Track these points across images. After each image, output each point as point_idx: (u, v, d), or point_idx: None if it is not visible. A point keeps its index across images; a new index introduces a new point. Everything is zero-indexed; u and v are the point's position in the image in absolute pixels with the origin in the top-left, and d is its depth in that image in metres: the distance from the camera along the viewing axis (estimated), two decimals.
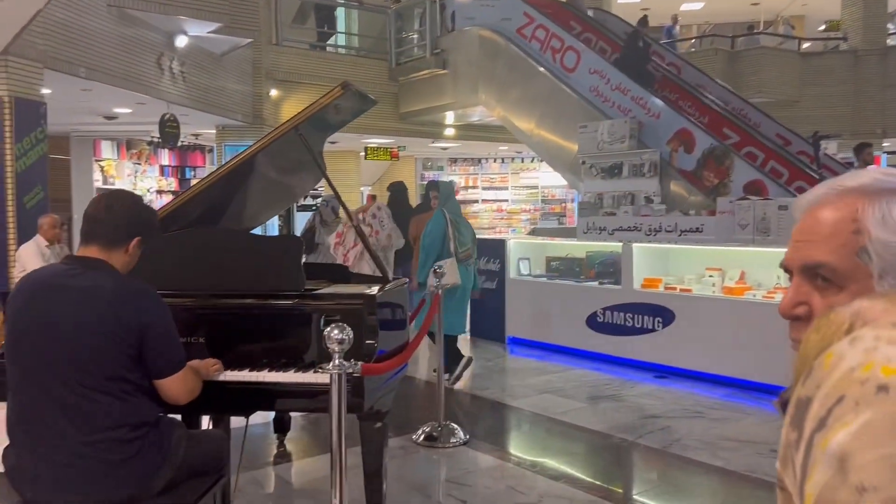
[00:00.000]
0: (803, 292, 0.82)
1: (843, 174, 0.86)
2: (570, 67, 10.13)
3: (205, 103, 9.77)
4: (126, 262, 2.28)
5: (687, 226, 7.05)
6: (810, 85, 14.28)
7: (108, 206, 2.25)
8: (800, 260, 0.82)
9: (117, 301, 2.14)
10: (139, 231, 2.27)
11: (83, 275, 2.17)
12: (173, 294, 2.83)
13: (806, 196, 0.86)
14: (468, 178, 18.81)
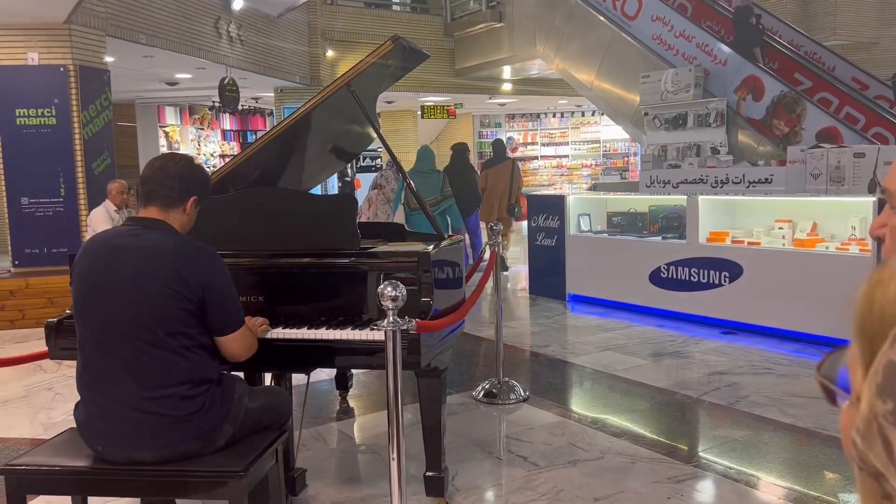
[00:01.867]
0: (888, 214, 0.84)
1: None
2: (632, 15, 9.77)
3: (263, 66, 9.84)
4: (185, 222, 2.32)
5: (755, 177, 6.78)
6: (891, 25, 13.40)
7: (163, 168, 2.29)
8: (889, 185, 0.84)
9: (178, 259, 2.18)
10: (194, 190, 2.31)
11: (144, 234, 2.22)
12: (233, 254, 2.87)
13: None
14: (527, 134, 18.52)
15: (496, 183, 8.77)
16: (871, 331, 0.49)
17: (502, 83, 13.79)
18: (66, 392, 4.57)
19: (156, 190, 2.27)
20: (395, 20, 12.53)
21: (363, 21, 12.00)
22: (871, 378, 0.46)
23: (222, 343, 2.28)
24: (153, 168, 2.31)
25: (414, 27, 12.30)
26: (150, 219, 2.26)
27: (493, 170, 8.88)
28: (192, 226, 2.39)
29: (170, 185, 2.26)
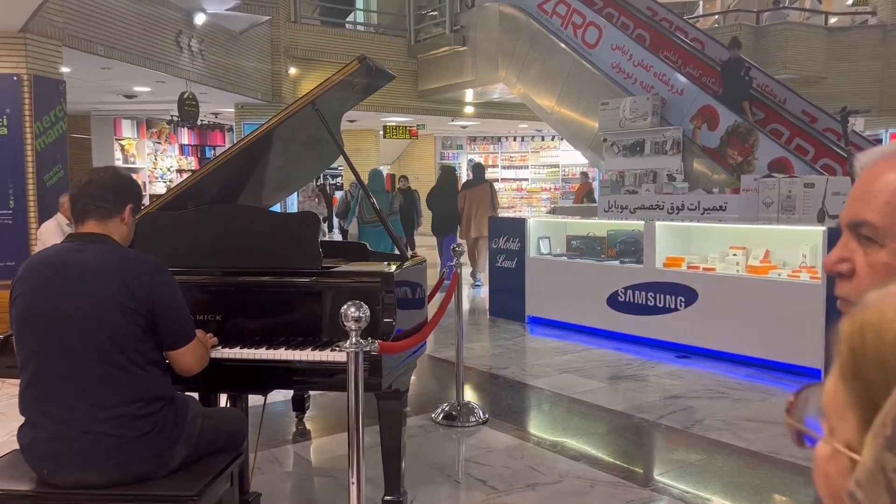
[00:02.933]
0: (849, 248, 0.81)
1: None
2: (592, 43, 9.97)
3: (224, 81, 9.75)
4: (125, 232, 2.27)
5: (710, 204, 6.92)
6: (837, 60, 13.95)
7: (92, 181, 2.24)
8: (849, 216, 0.81)
9: (126, 274, 2.12)
10: (128, 198, 2.27)
11: (88, 250, 2.16)
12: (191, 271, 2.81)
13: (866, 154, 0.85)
14: (488, 156, 18.69)
15: (474, 203, 9.44)
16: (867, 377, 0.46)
17: (464, 106, 13.91)
18: (9, 412, 4.39)
19: (90, 204, 2.21)
20: (358, 40, 12.56)
21: (327, 39, 12.01)
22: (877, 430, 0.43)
23: (175, 357, 2.24)
24: (81, 184, 2.25)
25: (378, 47, 12.34)
26: (91, 234, 2.20)
27: (471, 191, 9.57)
28: (132, 235, 2.34)
29: (103, 196, 2.21)
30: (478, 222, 9.28)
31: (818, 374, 4.96)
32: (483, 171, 10.14)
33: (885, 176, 0.79)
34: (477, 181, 9.75)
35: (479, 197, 9.46)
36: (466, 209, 9.49)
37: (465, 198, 9.54)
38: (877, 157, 0.82)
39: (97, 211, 2.20)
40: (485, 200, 9.44)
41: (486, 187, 9.64)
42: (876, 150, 0.84)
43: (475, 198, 9.46)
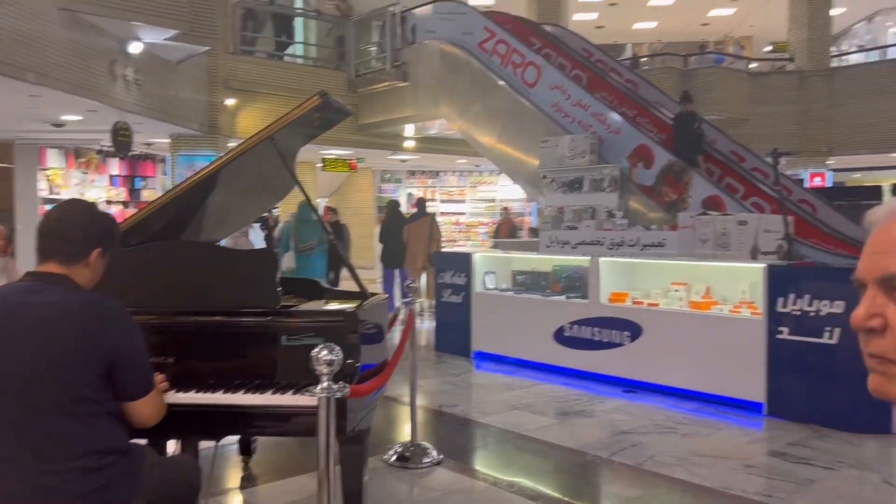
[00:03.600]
0: (878, 304, 0.80)
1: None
2: (531, 82, 10.18)
3: (159, 112, 9.49)
4: (90, 277, 2.14)
5: (649, 240, 7.10)
6: (759, 103, 14.67)
7: (60, 219, 2.11)
8: (878, 271, 0.80)
9: (87, 319, 2.00)
10: (97, 241, 2.13)
11: (46, 291, 2.03)
12: (141, 311, 2.68)
13: (880, 209, 0.85)
14: (426, 190, 18.77)
15: (417, 236, 10.18)
16: None
17: (404, 140, 13.96)
18: None
19: (52, 244, 2.08)
20: (298, 72, 12.49)
21: (266, 71, 11.88)
22: None
23: (132, 408, 2.11)
24: (50, 220, 2.11)
25: (318, 80, 12.27)
26: (50, 274, 2.07)
27: (415, 224, 10.34)
28: (98, 278, 2.21)
29: (69, 238, 2.08)
30: (422, 254, 9.99)
31: (760, 407, 5.10)
32: (425, 206, 10.92)
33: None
34: (420, 214, 10.53)
35: (421, 230, 10.22)
36: (411, 241, 10.20)
37: (408, 231, 10.26)
38: (892, 210, 0.83)
39: (60, 254, 2.07)
40: (426, 233, 10.20)
41: (428, 220, 10.37)
42: (888, 205, 0.84)
43: (417, 230, 10.21)
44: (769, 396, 5.05)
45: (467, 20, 10.98)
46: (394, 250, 10.48)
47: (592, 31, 17.50)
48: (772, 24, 17.04)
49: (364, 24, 13.06)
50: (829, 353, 4.73)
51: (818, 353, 4.78)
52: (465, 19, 11.04)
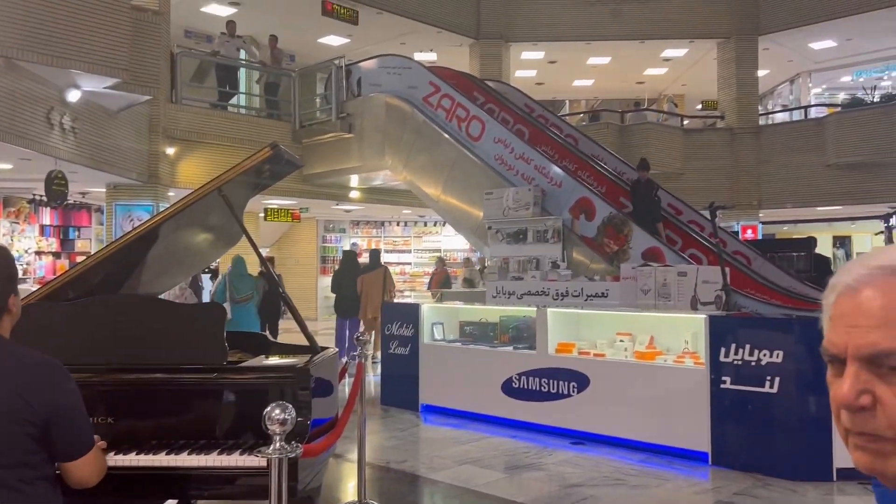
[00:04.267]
0: (864, 380, 0.76)
1: (873, 252, 0.83)
2: (476, 136, 10.36)
3: (96, 160, 9.25)
4: (10, 323, 2.02)
5: (593, 291, 7.22)
6: (693, 159, 15.26)
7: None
8: (862, 348, 0.76)
9: (21, 378, 1.89)
10: (11, 286, 2.01)
11: None
12: (80, 368, 2.55)
13: (844, 278, 0.81)
14: (371, 240, 18.72)
15: (371, 287, 10.38)
16: None
17: (349, 190, 13.95)
18: None
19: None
20: (242, 122, 12.40)
21: (209, 121, 11.75)
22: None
23: (70, 469, 1.99)
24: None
25: (262, 131, 12.22)
26: None
27: (368, 275, 10.58)
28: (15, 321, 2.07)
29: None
30: (373, 305, 10.10)
31: (705, 457, 5.15)
32: (378, 257, 11.31)
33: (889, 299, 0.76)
34: (373, 266, 10.85)
35: (374, 281, 10.42)
36: (364, 292, 10.38)
37: (362, 282, 10.43)
38: (862, 279, 0.79)
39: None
40: (379, 284, 10.39)
41: (381, 272, 10.62)
42: (853, 274, 0.80)
43: (371, 282, 10.43)
44: (713, 446, 5.11)
45: (413, 75, 11.17)
46: (347, 300, 10.52)
47: (533, 87, 18.01)
48: (702, 83, 17.87)
49: (309, 75, 13.13)
50: (769, 402, 4.84)
51: (759, 402, 4.88)
52: (410, 74, 11.22)
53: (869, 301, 0.77)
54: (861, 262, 0.81)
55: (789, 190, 14.92)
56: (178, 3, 11.79)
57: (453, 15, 15.19)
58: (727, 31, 15.56)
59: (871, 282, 0.78)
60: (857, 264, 0.81)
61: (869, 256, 0.81)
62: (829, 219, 18.18)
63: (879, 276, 0.78)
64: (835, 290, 0.82)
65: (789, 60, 17.10)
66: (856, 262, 0.82)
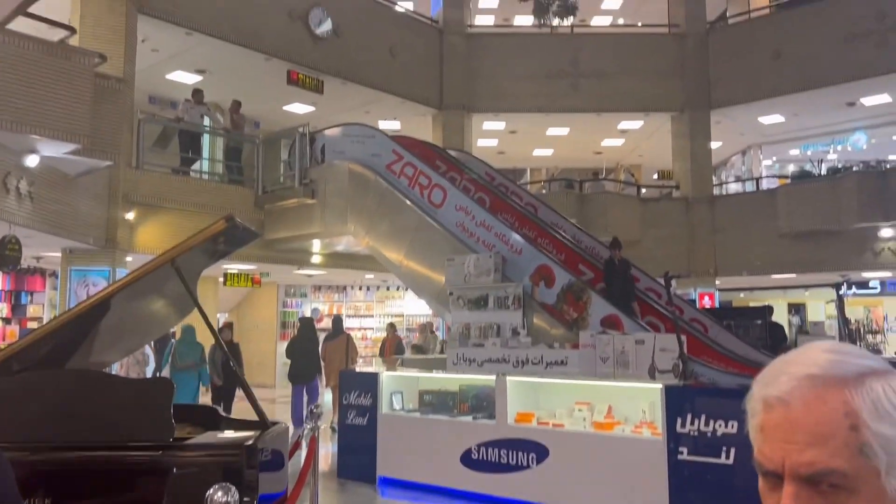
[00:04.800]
0: (804, 499, 0.73)
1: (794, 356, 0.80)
2: (438, 203, 10.49)
3: (53, 225, 9.12)
4: None
5: (552, 358, 7.25)
6: (650, 227, 15.62)
7: None
8: (803, 468, 0.73)
9: None
10: None
11: None
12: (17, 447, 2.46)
13: (771, 390, 0.78)
14: (332, 305, 18.58)
15: (333, 353, 10.72)
16: None
17: (311, 255, 13.91)
18: None
19: None
20: (203, 188, 12.37)
21: (170, 186, 11.69)
22: None
23: None
24: None
25: (223, 196, 12.20)
26: None
27: (331, 342, 10.97)
28: None
29: None
30: (336, 372, 10.10)
31: None
32: (341, 324, 11.55)
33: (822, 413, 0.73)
34: (336, 333, 11.13)
35: (336, 348, 10.73)
36: (327, 359, 10.66)
37: (325, 349, 10.77)
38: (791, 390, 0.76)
39: None
40: (341, 351, 10.67)
41: (344, 339, 10.91)
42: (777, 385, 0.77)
43: (333, 349, 10.75)
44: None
45: (376, 143, 11.34)
46: (301, 367, 10.58)
47: (494, 156, 18.39)
48: (658, 153, 18.45)
49: (273, 142, 13.24)
50: (726, 473, 4.85)
51: (716, 473, 4.89)
52: (374, 142, 11.40)
53: (802, 417, 0.74)
54: (787, 369, 0.78)
55: (744, 258, 15.30)
56: (144, 70, 11.89)
57: (417, 86, 15.57)
58: (680, 105, 16.21)
59: (801, 395, 0.75)
60: (784, 373, 0.78)
61: (793, 363, 0.79)
62: (783, 286, 18.62)
63: (808, 389, 0.75)
64: (763, 401, 0.79)
65: (741, 133, 17.80)
66: (781, 368, 0.79)
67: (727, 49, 16.13)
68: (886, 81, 14.33)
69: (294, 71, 13.48)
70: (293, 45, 13.33)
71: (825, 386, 0.75)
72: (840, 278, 15.93)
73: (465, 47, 16.25)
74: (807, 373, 0.76)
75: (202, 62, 13.29)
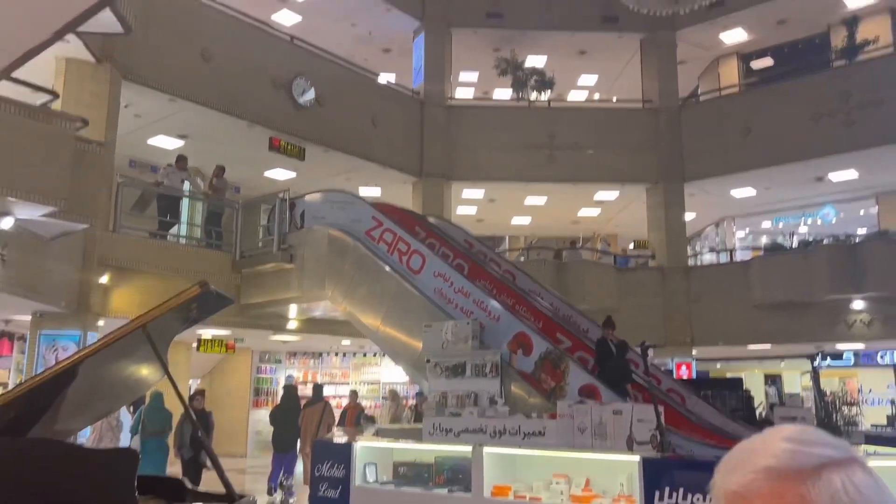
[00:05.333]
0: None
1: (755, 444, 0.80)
2: (416, 269, 10.51)
3: (24, 288, 8.96)
4: None
5: (530, 428, 7.14)
6: (627, 296, 15.71)
7: None
8: None
9: None
10: None
11: None
12: None
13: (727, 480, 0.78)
14: (307, 371, 18.29)
15: (311, 420, 11.07)
16: None
17: (287, 321, 13.77)
18: None
19: None
20: (180, 252, 12.28)
21: (147, 250, 11.60)
22: None
23: None
24: None
25: (200, 260, 12.13)
26: None
27: (309, 409, 11.34)
28: None
29: None
30: (311, 439, 10.35)
31: None
32: (321, 392, 11.88)
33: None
34: (315, 400, 11.51)
35: (314, 415, 11.07)
36: (304, 426, 10.93)
37: (304, 416, 11.11)
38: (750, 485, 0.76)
39: None
40: (317, 418, 11.00)
41: (321, 406, 11.25)
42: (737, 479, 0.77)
43: (311, 416, 11.09)
44: None
45: (356, 209, 11.42)
46: (284, 434, 10.89)
47: (473, 223, 18.58)
48: (634, 223, 18.76)
49: (253, 207, 13.26)
50: None
51: None
52: (354, 208, 11.47)
53: None
54: (746, 459, 0.78)
55: (720, 328, 15.41)
56: (126, 134, 11.98)
57: (398, 155, 15.82)
58: (655, 177, 16.58)
59: (758, 490, 0.75)
60: (743, 463, 0.78)
61: (753, 452, 0.79)
62: (759, 357, 18.71)
63: (765, 483, 0.75)
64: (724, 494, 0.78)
65: (714, 205, 18.19)
66: (741, 457, 0.79)
67: (699, 124, 16.65)
68: (853, 158, 14.83)
69: (276, 138, 13.65)
70: (276, 113, 13.54)
71: (782, 479, 0.75)
72: (815, 349, 16.08)
73: (446, 118, 16.61)
74: (765, 465, 0.76)
75: (184, 127, 13.42)
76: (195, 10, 12.39)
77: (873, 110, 14.35)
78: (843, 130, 14.59)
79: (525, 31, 17.23)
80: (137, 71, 11.42)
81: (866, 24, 15.55)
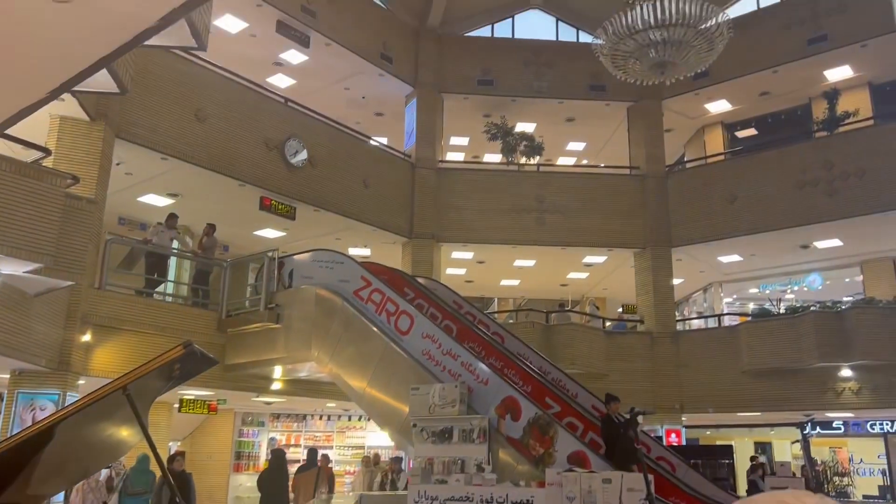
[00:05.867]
0: None
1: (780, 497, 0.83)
2: (405, 330, 10.43)
3: (4, 346, 8.79)
4: None
5: (518, 497, 7.00)
6: (616, 360, 15.63)
7: None
8: None
9: None
10: None
11: None
12: None
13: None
14: (290, 434, 17.91)
15: (304, 484, 11.36)
16: None
17: (271, 382, 13.54)
18: None
19: None
20: (167, 310, 12.15)
21: (132, 308, 11.46)
22: None
23: None
24: None
25: (185, 319, 12.00)
26: None
27: (303, 474, 11.71)
28: None
29: None
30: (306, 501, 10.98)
31: None
32: (315, 457, 12.20)
33: None
34: (309, 465, 11.88)
35: (307, 480, 11.37)
36: (297, 490, 11.22)
37: (296, 480, 11.42)
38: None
39: None
40: (311, 483, 11.24)
41: (315, 472, 11.49)
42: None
43: (305, 481, 11.35)
44: None
45: (345, 269, 11.39)
46: (272, 498, 11.06)
47: (463, 284, 18.58)
48: (622, 287, 18.81)
49: (241, 265, 13.22)
50: None
51: None
52: (342, 268, 11.44)
53: None
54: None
55: (709, 395, 15.29)
56: (116, 191, 12.00)
57: (388, 216, 15.91)
58: (642, 243, 16.72)
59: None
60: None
61: None
62: (749, 424, 18.53)
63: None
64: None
65: (701, 271, 18.31)
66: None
67: (685, 191, 16.91)
68: (836, 227, 15.04)
69: (267, 197, 13.72)
70: (267, 173, 13.64)
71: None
72: (804, 417, 15.95)
73: (436, 180, 16.79)
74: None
75: (175, 186, 13.48)
76: (191, 72, 12.60)
77: (855, 180, 14.65)
78: (827, 200, 14.84)
79: (515, 97, 17.62)
80: (131, 130, 11.52)
81: (846, 96, 16.01)
